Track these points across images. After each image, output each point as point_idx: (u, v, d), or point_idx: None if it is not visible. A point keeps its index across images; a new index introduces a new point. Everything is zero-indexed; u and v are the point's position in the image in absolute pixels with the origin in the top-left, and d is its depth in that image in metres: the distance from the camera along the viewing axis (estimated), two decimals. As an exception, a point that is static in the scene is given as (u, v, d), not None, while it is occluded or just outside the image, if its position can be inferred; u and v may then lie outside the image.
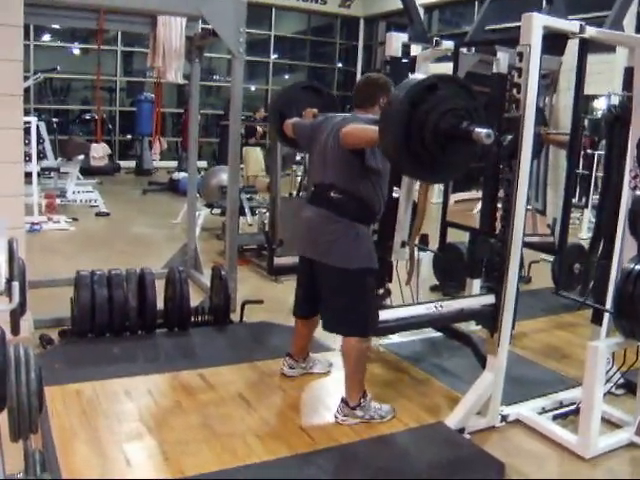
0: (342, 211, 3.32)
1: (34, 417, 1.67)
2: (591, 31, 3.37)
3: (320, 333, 3.82)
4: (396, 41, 4.16)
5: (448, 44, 4.24)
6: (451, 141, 2.67)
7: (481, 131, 2.59)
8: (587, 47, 3.55)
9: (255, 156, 10.43)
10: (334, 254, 3.33)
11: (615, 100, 3.75)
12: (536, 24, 3.11)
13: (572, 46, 3.82)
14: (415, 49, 4.42)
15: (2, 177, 3.97)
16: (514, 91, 3.18)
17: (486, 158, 3.54)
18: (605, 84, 7.02)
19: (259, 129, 10.67)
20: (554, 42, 3.66)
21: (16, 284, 1.63)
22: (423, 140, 2.64)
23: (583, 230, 9.07)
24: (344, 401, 3.37)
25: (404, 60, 4.26)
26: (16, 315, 1.78)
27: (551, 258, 5.68)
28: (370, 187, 3.33)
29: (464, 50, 4.29)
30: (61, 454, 2.87)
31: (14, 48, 4.00)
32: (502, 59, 3.98)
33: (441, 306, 3.12)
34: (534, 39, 3.10)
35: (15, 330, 1.86)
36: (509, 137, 3.19)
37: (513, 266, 3.32)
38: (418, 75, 2.91)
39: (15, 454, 2.14)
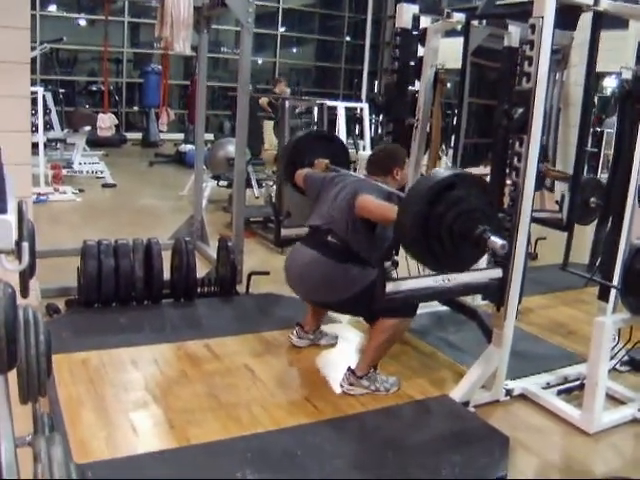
0: (336, 256, 3.37)
1: (43, 379, 1.68)
2: (605, 3, 3.32)
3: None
4: (407, 12, 4.11)
5: (459, 16, 4.20)
6: (463, 241, 2.75)
7: (497, 241, 2.67)
8: (601, 21, 3.51)
9: (270, 130, 10.38)
10: (336, 293, 3.42)
11: (627, 75, 3.70)
12: (550, -5, 3.06)
13: (585, 20, 3.79)
14: (425, 21, 4.38)
15: (9, 145, 3.90)
16: (525, 64, 3.14)
17: (495, 132, 3.52)
18: (615, 62, 6.97)
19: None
20: (566, 16, 3.61)
21: (26, 245, 1.63)
22: (439, 236, 2.73)
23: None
24: (351, 370, 3.39)
25: (414, 32, 4.23)
26: (26, 276, 1.78)
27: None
28: (370, 248, 3.36)
29: (475, 23, 4.25)
30: (68, 422, 2.89)
31: (21, 15, 3.96)
32: (514, 33, 3.94)
33: (448, 279, 3.10)
34: (547, 11, 3.05)
35: (25, 292, 1.87)
36: (520, 110, 3.15)
37: (521, 240, 3.31)
38: (440, 172, 2.99)
39: (23, 419, 2.15)
